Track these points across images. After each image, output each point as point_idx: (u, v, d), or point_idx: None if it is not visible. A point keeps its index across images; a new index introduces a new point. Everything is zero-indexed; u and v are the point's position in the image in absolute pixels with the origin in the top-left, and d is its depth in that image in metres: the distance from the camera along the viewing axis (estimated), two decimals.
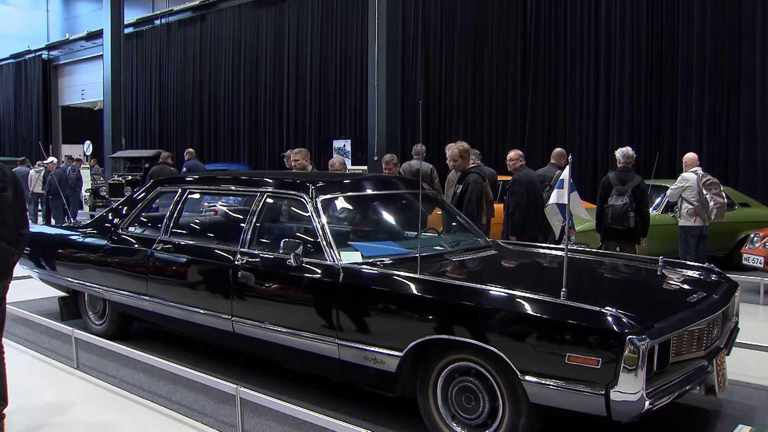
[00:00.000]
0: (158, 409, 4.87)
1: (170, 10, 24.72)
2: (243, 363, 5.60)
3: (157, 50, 25.23)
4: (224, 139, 22.35)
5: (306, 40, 19.99)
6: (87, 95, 29.89)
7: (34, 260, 7.18)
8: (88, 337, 5.83)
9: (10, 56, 33.56)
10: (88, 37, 28.19)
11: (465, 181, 7.20)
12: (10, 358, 6.16)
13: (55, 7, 31.75)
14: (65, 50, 30.91)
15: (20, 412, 4.94)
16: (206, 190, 6.10)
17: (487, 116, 16.16)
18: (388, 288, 4.25)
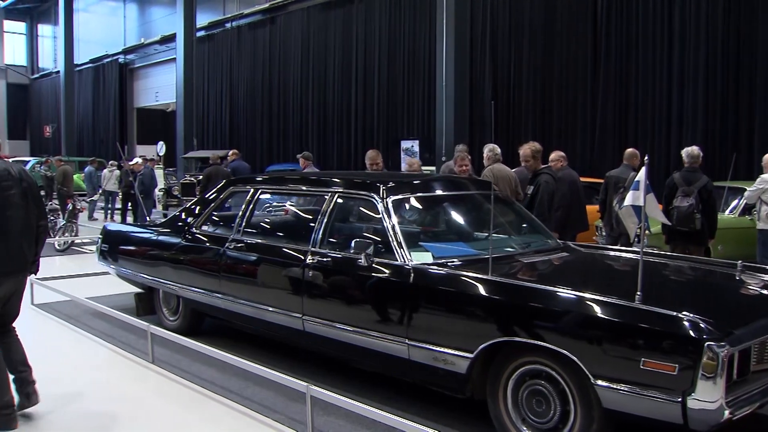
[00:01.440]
0: (230, 405, 4.96)
1: (241, 14, 25.17)
2: (313, 361, 5.65)
3: (227, 53, 25.70)
4: (293, 139, 22.61)
5: (374, 41, 20.08)
6: (160, 97, 30.70)
7: (112, 257, 7.41)
8: (163, 332, 5.99)
9: (89, 61, 34.74)
10: (161, 41, 28.95)
11: (536, 182, 7.16)
12: (89, 350, 6.42)
13: (132, 13, 32.73)
14: (140, 54, 31.82)
15: (98, 403, 5.11)
16: (278, 190, 6.19)
17: (556, 117, 15.93)
18: (458, 289, 4.24)
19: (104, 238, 7.59)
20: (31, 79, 42.42)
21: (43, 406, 4.99)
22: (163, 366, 5.81)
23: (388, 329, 4.48)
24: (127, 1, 33.08)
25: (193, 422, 4.75)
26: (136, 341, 6.46)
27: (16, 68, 42.40)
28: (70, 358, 6.25)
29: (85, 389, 5.39)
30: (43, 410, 4.91)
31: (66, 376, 5.72)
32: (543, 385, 3.88)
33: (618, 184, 8.58)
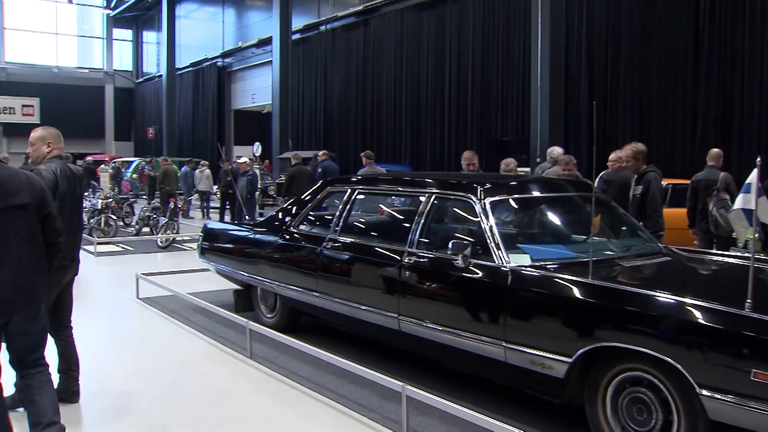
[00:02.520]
0: (326, 402, 5.03)
1: (335, 16, 25.48)
2: (408, 360, 5.66)
3: (322, 55, 26.06)
4: (386, 140, 22.73)
5: (467, 42, 19.95)
6: (257, 99, 31.42)
7: (212, 255, 7.64)
8: (261, 329, 6.13)
9: (190, 64, 35.91)
10: (258, 44, 29.62)
11: (644, 180, 7.00)
12: (190, 343, 6.63)
13: (230, 18, 33.64)
14: (238, 57, 32.66)
15: (197, 395, 5.27)
16: (374, 190, 6.24)
17: (655, 117, 15.42)
18: (557, 292, 4.17)
19: (205, 236, 7.84)
20: (136, 83, 44.20)
21: (144, 396, 5.21)
22: (261, 362, 5.94)
23: (484, 331, 4.45)
24: (225, 6, 33.99)
25: (290, 417, 4.84)
26: (234, 337, 6.63)
27: (122, 73, 44.29)
28: (171, 351, 6.48)
29: (185, 382, 5.59)
30: (143, 400, 5.12)
31: (167, 367, 5.95)
32: (644, 392, 3.77)
33: (709, 187, 8.28)
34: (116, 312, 8.18)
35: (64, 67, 42.26)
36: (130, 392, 5.33)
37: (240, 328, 6.40)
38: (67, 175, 4.75)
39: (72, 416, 4.84)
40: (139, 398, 5.17)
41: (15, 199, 3.73)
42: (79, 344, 6.75)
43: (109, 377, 5.73)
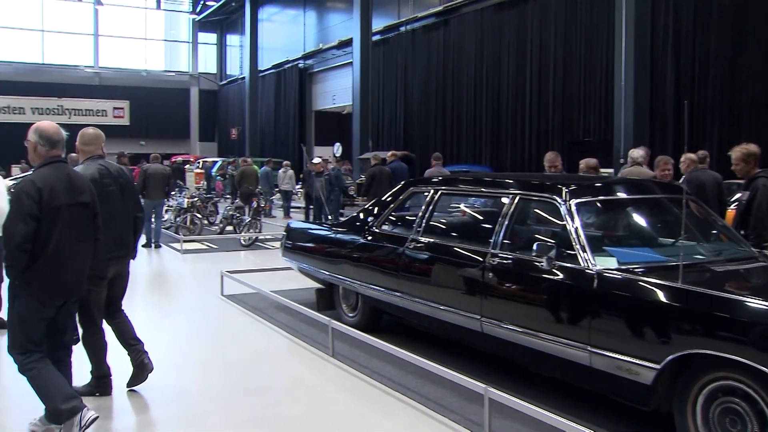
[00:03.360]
0: (406, 401, 5.04)
1: (415, 17, 25.51)
2: (490, 362, 5.63)
3: (402, 56, 26.14)
4: (466, 140, 22.62)
5: (549, 41, 19.67)
6: (337, 100, 31.76)
7: (295, 253, 7.76)
8: (343, 327, 6.20)
9: (272, 66, 36.59)
10: (339, 46, 29.94)
11: (753, 187, 6.59)
12: (272, 340, 6.75)
13: (311, 21, 34.10)
14: (318, 59, 33.08)
15: (279, 390, 5.37)
16: (457, 191, 6.22)
17: (746, 116, 14.87)
18: (646, 297, 4.07)
19: (288, 235, 7.98)
20: (220, 85, 45.29)
21: (228, 391, 5.33)
22: (342, 360, 6.00)
23: (569, 335, 4.39)
24: (306, 9, 34.48)
25: (371, 415, 4.88)
26: (316, 335, 6.72)
27: (207, 76, 45.46)
28: (254, 347, 6.62)
29: (268, 378, 5.70)
30: (227, 396, 5.24)
31: (249, 363, 6.08)
32: (738, 403, 3.64)
33: None
34: (202, 308, 8.40)
35: (152, 71, 43.68)
36: (214, 387, 5.47)
37: (322, 326, 6.49)
38: (102, 176, 4.98)
39: (156, 409, 5.02)
40: (223, 393, 5.30)
41: (81, 197, 4.31)
42: (166, 339, 7.04)
43: (193, 371, 5.91)
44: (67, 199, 4.19)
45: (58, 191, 4.14)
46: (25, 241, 3.99)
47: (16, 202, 4.08)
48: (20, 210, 4.02)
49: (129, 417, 4.95)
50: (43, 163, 4.26)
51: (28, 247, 4.01)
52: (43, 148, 4.30)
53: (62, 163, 4.35)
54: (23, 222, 4.00)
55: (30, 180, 4.15)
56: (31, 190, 4.06)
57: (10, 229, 4.03)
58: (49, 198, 4.09)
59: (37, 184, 4.09)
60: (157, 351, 6.59)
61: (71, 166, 4.62)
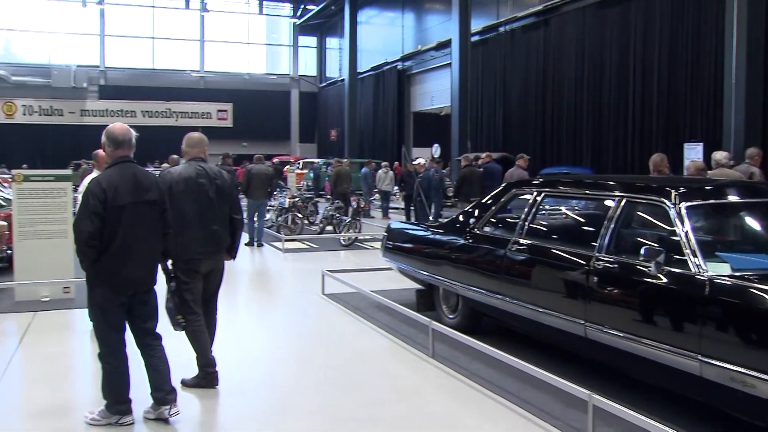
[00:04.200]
0: (506, 405, 5.01)
1: (514, 17, 25.24)
2: (593, 368, 5.52)
3: (501, 56, 25.89)
4: (566, 142, 22.20)
5: (654, 39, 19.06)
6: (436, 101, 31.77)
7: (395, 254, 7.83)
8: (443, 329, 6.20)
9: (371, 68, 36.96)
10: (437, 47, 29.95)
11: None
12: (372, 340, 6.83)
13: (409, 22, 34.26)
14: (417, 60, 33.20)
15: (381, 391, 5.43)
16: (561, 193, 6.13)
17: None
18: (762, 305, 3.89)
19: (389, 236, 8.05)
20: (319, 87, 46.09)
21: (329, 389, 5.42)
22: (442, 361, 6.01)
23: (678, 342, 4.25)
24: (405, 11, 34.65)
25: (471, 417, 4.87)
26: (416, 335, 6.75)
27: (307, 78, 46.37)
28: (354, 346, 6.71)
29: (369, 376, 5.77)
30: (328, 394, 5.33)
31: (348, 362, 6.17)
32: None
33: None
34: (303, 307, 8.58)
35: (254, 74, 44.91)
36: (312, 384, 5.57)
37: (422, 327, 6.51)
38: (189, 177, 5.30)
39: (254, 404, 5.17)
40: (320, 390, 5.40)
41: (147, 195, 4.57)
42: (267, 335, 7.23)
43: (292, 368, 6.05)
44: (133, 197, 4.47)
45: (122, 191, 4.43)
46: (90, 237, 4.33)
47: (84, 201, 4.41)
48: (86, 209, 4.36)
49: (225, 410, 5.13)
50: (111, 164, 4.60)
51: (94, 243, 4.35)
52: (110, 149, 4.61)
53: (129, 163, 4.63)
54: (89, 220, 4.33)
55: (96, 181, 4.49)
56: (96, 190, 4.38)
57: (78, 226, 4.39)
58: (113, 197, 4.39)
59: (102, 184, 4.40)
60: (258, 347, 6.84)
61: (171, 165, 4.90)
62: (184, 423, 4.71)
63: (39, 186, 8.40)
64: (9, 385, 5.52)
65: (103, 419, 4.55)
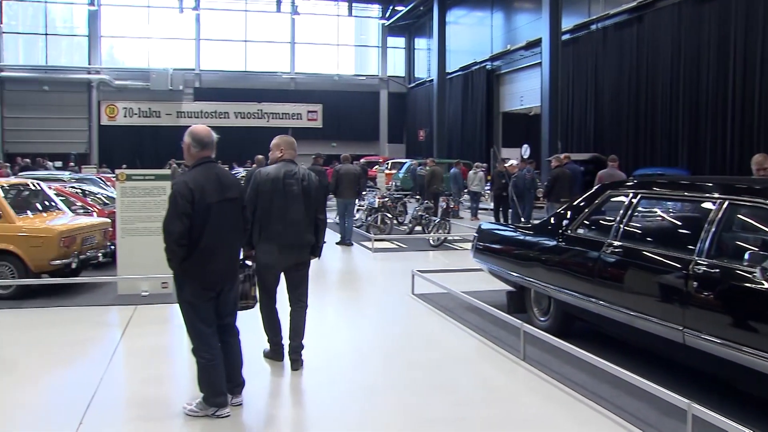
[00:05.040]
0: (600, 411, 4.93)
1: (606, 14, 24.67)
2: (691, 374, 5.37)
3: (592, 55, 25.36)
4: (660, 142, 21.53)
5: (755, 34, 18.27)
6: (525, 101, 31.40)
7: (486, 255, 7.80)
8: (535, 331, 6.15)
9: (459, 69, 36.84)
10: (527, 47, 29.60)
11: None
12: (462, 340, 6.83)
13: (498, 22, 33.97)
14: (506, 60, 32.89)
15: (471, 392, 5.42)
16: (659, 195, 5.95)
17: None
18: None
19: (480, 237, 8.03)
20: (408, 87, 46.24)
21: (417, 389, 5.44)
22: (533, 364, 5.96)
23: None
24: (494, 10, 34.37)
25: (564, 422, 4.81)
26: (506, 337, 6.72)
27: (395, 79, 46.58)
28: (444, 347, 6.72)
29: (459, 377, 5.77)
30: (417, 394, 5.35)
31: (438, 362, 6.18)
32: None
33: None
34: (392, 306, 8.65)
35: (343, 75, 45.41)
36: (404, 383, 5.61)
37: (513, 329, 6.47)
38: (278, 176, 5.68)
39: (339, 400, 5.23)
40: (413, 390, 5.42)
41: (229, 193, 4.77)
42: (358, 333, 7.32)
43: (383, 367, 6.11)
44: (217, 196, 4.65)
45: (208, 190, 4.61)
46: (181, 237, 4.49)
47: (172, 202, 4.54)
48: (176, 209, 4.50)
49: (310, 405, 5.25)
50: (195, 164, 4.76)
51: (184, 242, 4.51)
52: (195, 149, 4.78)
53: (212, 164, 4.83)
54: (179, 220, 4.48)
55: (183, 181, 4.62)
56: (184, 191, 4.53)
57: (168, 226, 4.53)
58: (201, 197, 4.56)
59: (190, 185, 4.56)
60: (347, 344, 6.95)
61: (258, 166, 5.15)
62: (270, 415, 4.91)
63: (140, 185, 8.76)
64: (113, 375, 5.77)
65: (200, 411, 4.73)
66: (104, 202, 12.57)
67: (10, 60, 40.74)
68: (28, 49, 41.83)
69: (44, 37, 41.38)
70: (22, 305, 8.29)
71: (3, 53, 40.31)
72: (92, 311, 8.12)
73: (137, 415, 4.93)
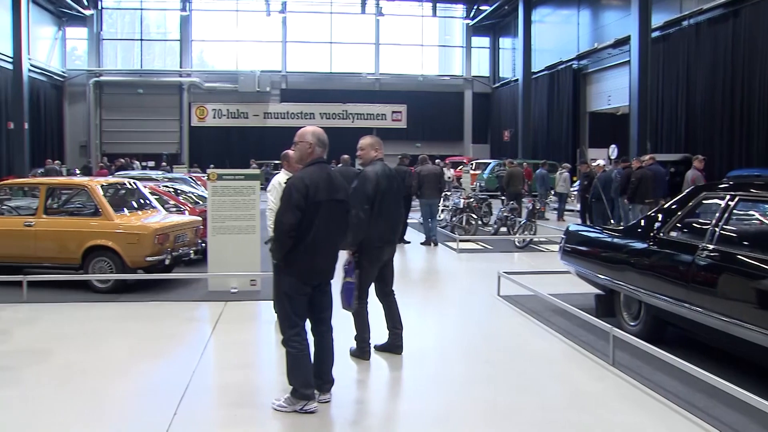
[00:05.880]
0: (695, 421, 4.78)
1: (699, 10, 23.81)
2: None
3: (684, 52, 24.52)
4: (758, 142, 20.63)
5: None
6: (612, 101, 30.64)
7: (574, 257, 7.66)
8: (625, 336, 5.99)
9: (545, 68, 36.23)
10: (615, 45, 28.86)
11: None
12: (548, 343, 6.76)
13: (585, 20, 33.27)
14: (593, 59, 32.16)
15: (560, 397, 5.34)
16: (758, 197, 5.72)
17: None
18: None
19: (567, 239, 7.90)
20: (492, 88, 45.81)
21: (504, 392, 5.41)
22: (623, 370, 5.83)
23: None
24: (581, 8, 33.67)
25: (656, 431, 4.68)
26: (595, 341, 6.59)
27: (480, 79, 46.20)
28: (531, 349, 6.65)
29: (542, 380, 5.70)
30: (503, 396, 5.31)
31: (526, 364, 6.13)
32: None
33: None
34: (478, 306, 8.62)
35: (427, 76, 45.33)
36: (490, 385, 5.58)
37: (602, 333, 6.34)
38: (386, 175, 6.00)
39: (431, 402, 5.23)
40: (499, 392, 5.40)
41: (338, 194, 4.96)
42: (444, 333, 7.34)
43: (468, 367, 6.09)
44: (327, 195, 4.84)
45: (321, 188, 4.80)
46: (291, 229, 4.69)
47: (287, 195, 4.76)
48: (290, 202, 4.71)
49: (393, 405, 5.28)
50: (311, 163, 4.96)
51: (293, 234, 4.71)
52: (318, 149, 4.99)
53: (325, 164, 5.06)
54: (291, 212, 4.69)
55: (300, 177, 4.84)
56: (300, 186, 4.74)
57: (280, 217, 4.75)
58: (314, 194, 4.76)
59: (305, 180, 4.77)
60: (433, 343, 6.97)
61: (343, 165, 5.32)
62: (357, 412, 4.99)
63: (230, 184, 8.98)
64: (204, 370, 5.95)
65: (288, 406, 4.83)
66: (195, 200, 12.95)
67: (108, 65, 42.56)
68: (125, 54, 43.59)
69: (139, 42, 43.05)
70: (119, 299, 8.65)
71: (102, 59, 42.15)
72: (184, 306, 8.40)
73: (227, 411, 5.07)
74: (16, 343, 6.85)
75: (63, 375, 5.76)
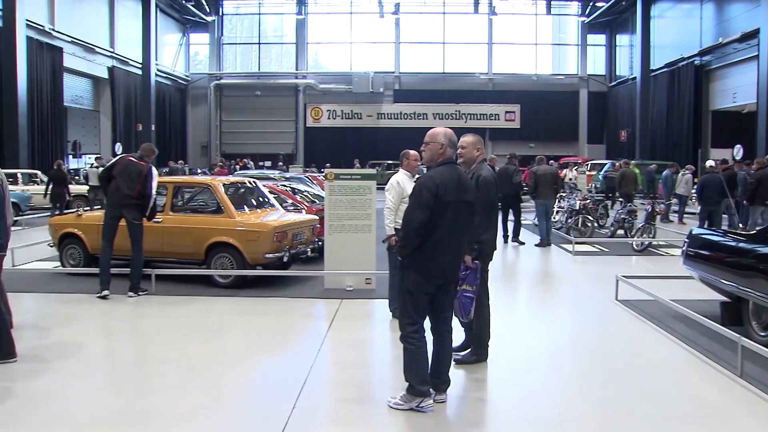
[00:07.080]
0: None
1: None
2: None
3: None
4: None
5: None
6: (738, 98, 29.15)
7: (698, 262, 7.37)
8: (755, 346, 5.70)
9: (665, 65, 34.87)
10: (741, 39, 27.46)
11: None
12: (669, 351, 6.52)
13: (708, 13, 31.80)
14: (717, 54, 30.70)
15: (678, 407, 5.14)
16: None
17: None
18: None
19: (691, 243, 7.60)
20: (609, 86, 44.56)
21: (618, 399, 5.25)
22: (753, 382, 5.55)
23: None
24: (704, 1, 32.21)
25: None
26: (720, 351, 6.32)
27: (595, 77, 45.03)
28: (649, 356, 6.44)
29: (663, 390, 5.46)
30: (616, 403, 5.15)
31: (646, 373, 5.92)
32: None
33: None
34: (595, 310, 8.43)
35: (541, 75, 44.56)
36: (607, 392, 5.45)
37: (729, 342, 6.07)
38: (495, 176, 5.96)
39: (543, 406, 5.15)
40: (617, 400, 5.25)
41: (466, 195, 4.93)
42: (559, 337, 7.23)
43: (585, 373, 5.96)
44: (456, 196, 4.84)
45: (450, 189, 4.81)
46: (420, 227, 4.73)
47: (417, 193, 4.81)
48: (420, 200, 4.76)
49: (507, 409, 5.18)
50: (441, 163, 4.96)
51: (422, 232, 4.74)
52: (449, 150, 5.00)
53: (454, 164, 5.05)
54: (421, 210, 4.73)
55: (430, 176, 4.86)
56: (430, 185, 4.77)
57: (410, 215, 4.81)
58: (443, 193, 4.77)
59: (436, 180, 4.79)
60: (547, 346, 6.84)
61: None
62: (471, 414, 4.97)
63: (347, 184, 9.13)
64: (320, 366, 6.08)
65: (404, 404, 4.88)
66: (312, 199, 13.25)
67: (228, 68, 44.22)
68: (243, 58, 45.22)
69: (257, 45, 44.51)
70: (238, 293, 8.97)
71: (222, 63, 43.87)
72: (301, 303, 8.61)
73: (345, 398, 5.19)
74: (144, 334, 7.29)
75: (185, 366, 6.02)
